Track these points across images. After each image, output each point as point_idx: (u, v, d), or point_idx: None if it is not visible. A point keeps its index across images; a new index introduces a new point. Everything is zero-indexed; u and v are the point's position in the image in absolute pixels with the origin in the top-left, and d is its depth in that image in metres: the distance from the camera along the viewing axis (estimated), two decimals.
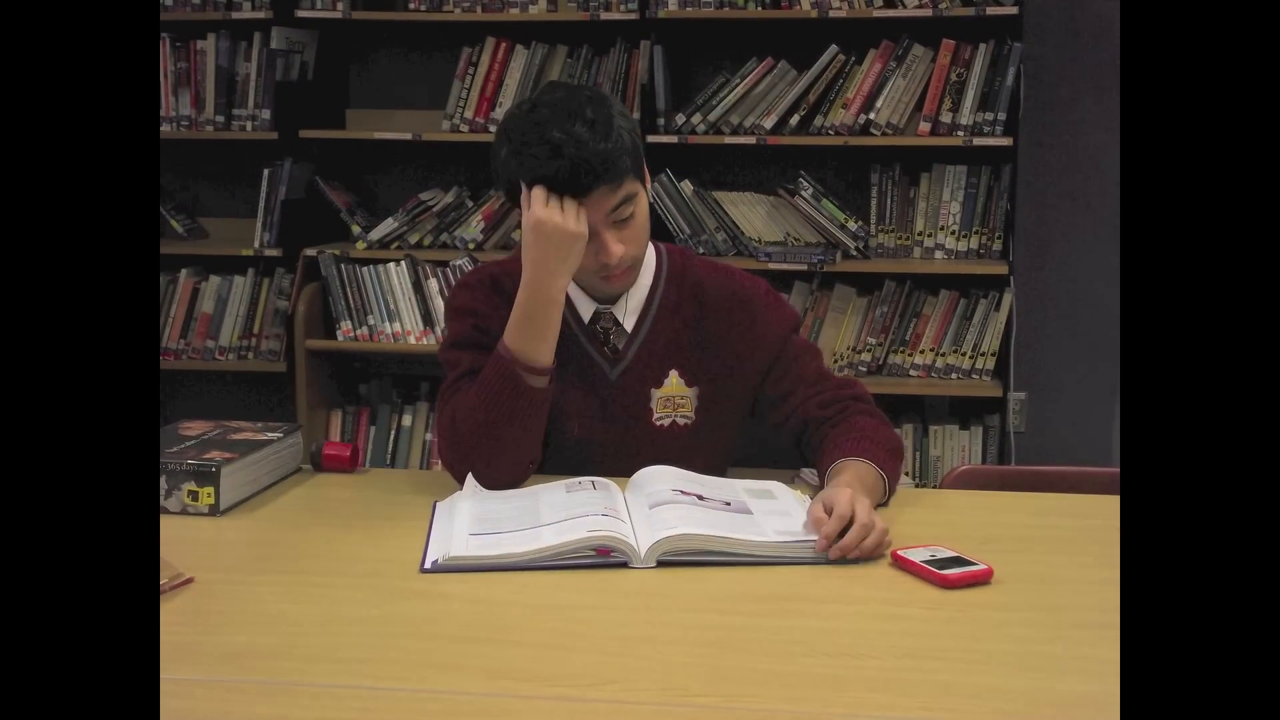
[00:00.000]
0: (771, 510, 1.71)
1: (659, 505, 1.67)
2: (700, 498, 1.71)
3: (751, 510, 1.70)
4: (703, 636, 1.38)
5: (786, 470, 2.24)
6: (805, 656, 1.33)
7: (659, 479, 1.78)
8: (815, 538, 1.60)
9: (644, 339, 1.97)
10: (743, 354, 1.97)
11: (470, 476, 1.83)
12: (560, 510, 1.68)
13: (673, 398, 1.97)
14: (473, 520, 1.68)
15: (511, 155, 1.84)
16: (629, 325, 1.97)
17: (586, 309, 1.98)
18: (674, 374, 1.97)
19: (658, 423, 1.97)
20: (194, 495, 1.77)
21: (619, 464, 1.92)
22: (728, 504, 1.71)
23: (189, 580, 1.51)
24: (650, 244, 1.98)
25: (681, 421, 1.98)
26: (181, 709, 1.17)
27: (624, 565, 1.57)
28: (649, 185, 1.94)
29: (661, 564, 1.56)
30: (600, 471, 1.90)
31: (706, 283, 1.99)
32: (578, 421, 1.97)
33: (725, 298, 1.98)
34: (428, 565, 1.56)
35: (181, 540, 1.62)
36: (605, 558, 1.57)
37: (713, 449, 1.99)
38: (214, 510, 1.77)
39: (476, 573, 1.55)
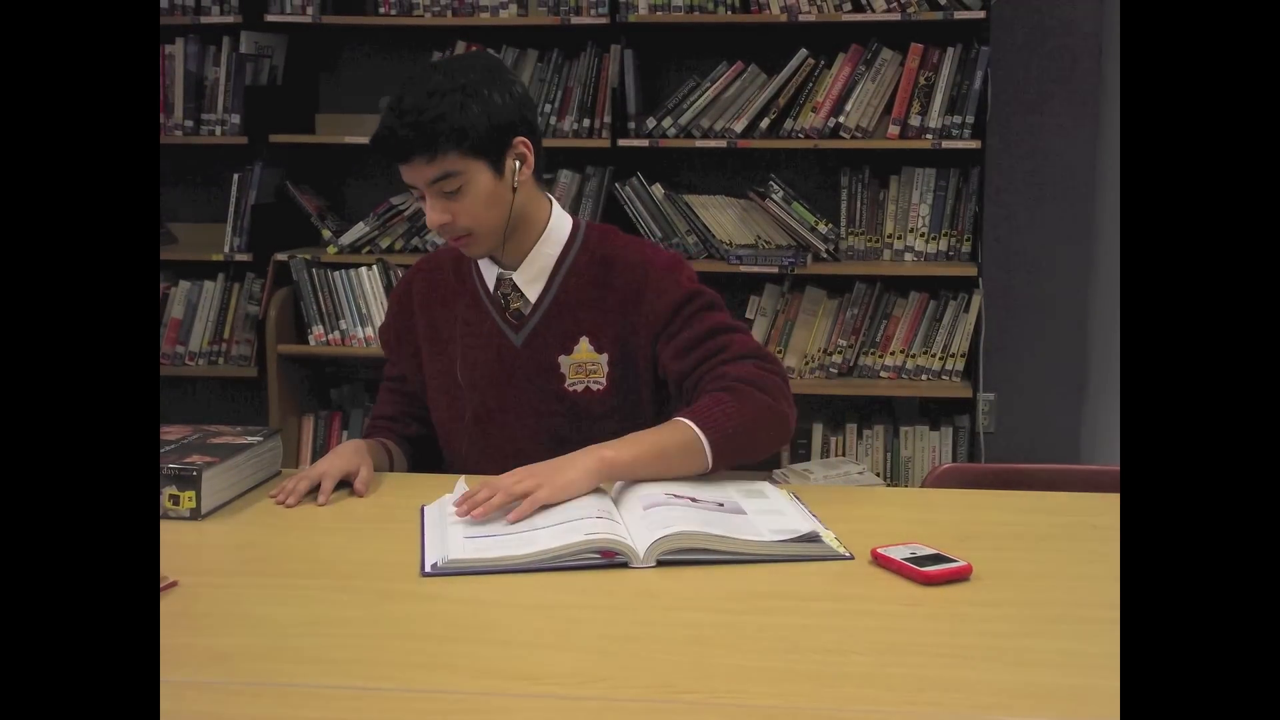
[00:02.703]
0: (764, 509, 1.72)
1: (653, 507, 1.69)
2: (693, 500, 1.72)
3: (745, 510, 1.71)
4: (689, 634, 1.39)
5: (760, 472, 2.25)
6: (790, 653, 1.34)
7: (650, 484, 1.79)
8: (813, 532, 1.63)
9: (548, 306, 2.03)
10: (637, 322, 2.01)
11: (460, 480, 1.86)
12: (553, 514, 1.69)
13: (584, 364, 2.02)
14: (466, 523, 1.69)
15: None
16: (532, 293, 2.03)
17: (490, 275, 2.06)
18: (584, 340, 2.02)
19: (570, 388, 2.02)
20: (175, 499, 1.77)
21: (534, 431, 2.00)
22: (720, 504, 1.72)
23: (173, 584, 1.51)
24: (571, 218, 2.08)
25: (595, 387, 2.02)
26: (172, 711, 1.17)
27: (624, 566, 1.57)
28: (517, 164, 1.96)
29: (660, 563, 1.58)
30: (516, 439, 2.00)
31: (615, 254, 2.04)
32: (488, 387, 2.04)
33: (630, 267, 2.02)
34: (428, 569, 1.57)
35: (164, 544, 1.61)
36: (609, 560, 1.58)
37: (626, 416, 2.01)
38: (195, 514, 1.77)
39: (475, 575, 1.55)
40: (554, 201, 2.09)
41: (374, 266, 3.98)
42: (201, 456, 1.83)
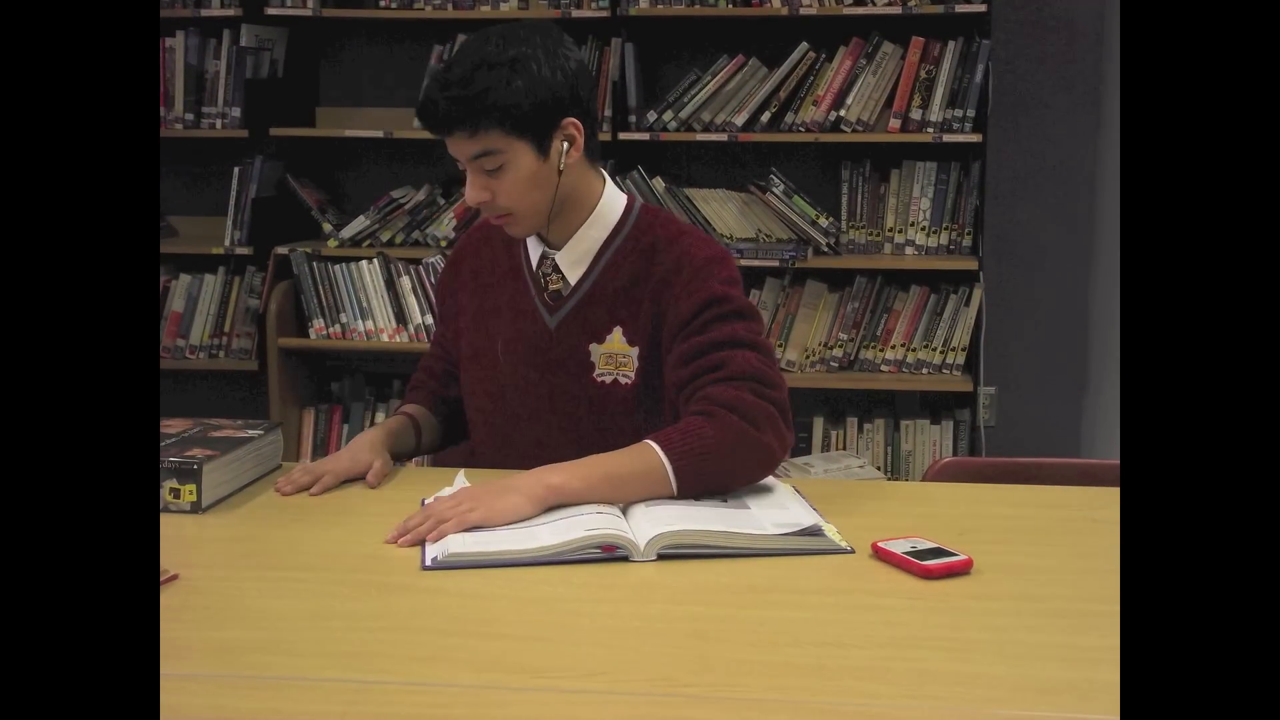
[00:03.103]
0: (769, 504, 1.72)
1: (655, 503, 1.69)
2: (695, 497, 1.72)
3: (749, 505, 1.71)
4: (689, 628, 1.39)
5: None
6: (790, 646, 1.34)
7: None
8: (814, 525, 1.62)
9: (587, 291, 1.96)
10: (664, 318, 1.92)
11: (460, 474, 1.85)
12: (554, 509, 1.69)
13: (615, 355, 1.94)
14: None
15: None
16: (573, 276, 1.97)
17: (535, 253, 2.01)
18: (618, 330, 1.94)
19: (599, 379, 1.95)
20: (175, 493, 1.77)
21: (559, 417, 1.94)
22: (724, 499, 1.72)
23: (174, 577, 1.51)
24: (626, 199, 1.99)
25: (624, 380, 1.94)
26: (173, 704, 1.17)
27: (624, 559, 1.57)
28: (565, 145, 1.88)
29: (660, 557, 1.58)
30: (539, 428, 1.93)
31: (659, 242, 1.95)
32: (520, 367, 1.99)
33: (669, 258, 1.93)
34: (428, 563, 1.57)
35: (164, 537, 1.61)
36: (610, 553, 1.57)
37: (651, 412, 1.95)
38: (196, 507, 1.77)
39: (475, 569, 1.55)
40: (608, 181, 2.00)
41: (374, 260, 3.98)
42: (202, 450, 1.83)
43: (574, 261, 1.97)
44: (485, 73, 1.81)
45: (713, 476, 1.75)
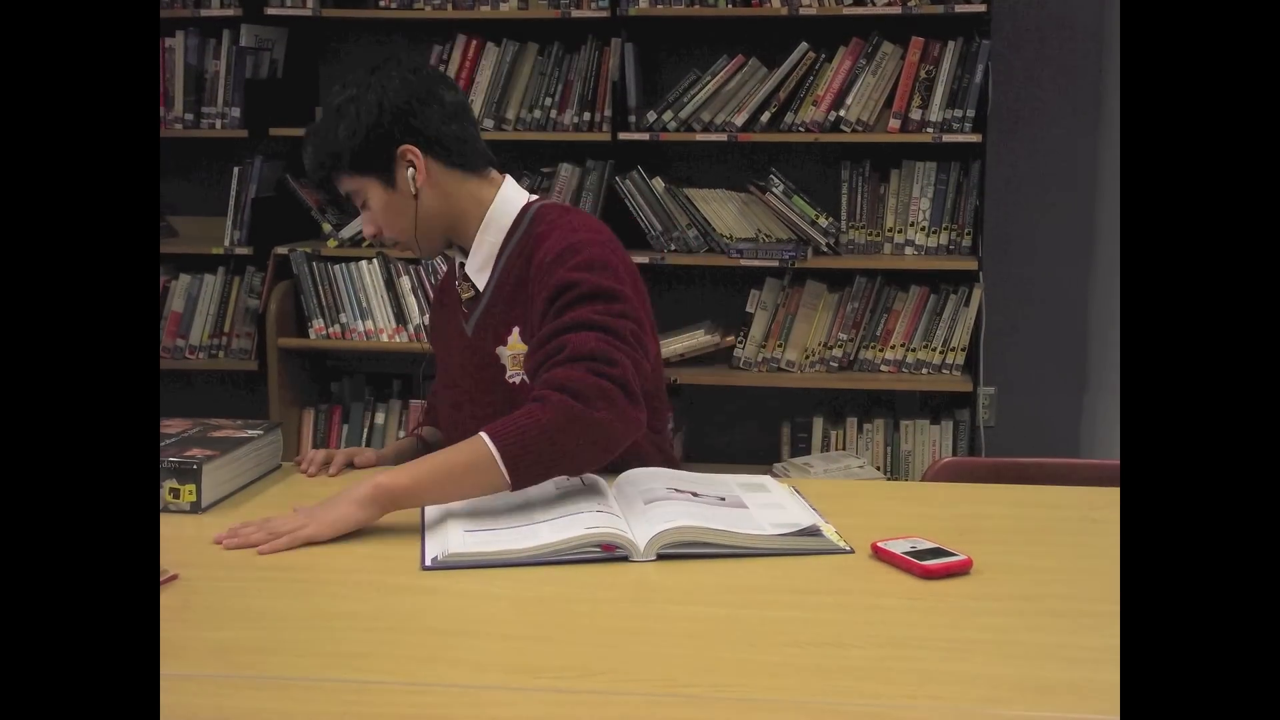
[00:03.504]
0: (766, 504, 1.73)
1: (654, 502, 1.69)
2: (694, 494, 1.72)
3: (746, 505, 1.72)
4: (689, 628, 1.39)
5: (760, 466, 2.26)
6: (790, 646, 1.34)
7: (651, 478, 1.79)
8: (813, 525, 1.62)
9: (490, 296, 2.01)
10: (531, 313, 1.93)
11: None
12: (553, 508, 1.69)
13: (518, 355, 1.98)
14: (465, 517, 1.69)
15: None
16: (480, 282, 2.02)
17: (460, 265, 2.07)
18: (515, 331, 1.98)
19: (510, 380, 1.98)
20: (175, 493, 1.77)
21: (488, 422, 1.89)
22: (722, 499, 1.73)
23: (174, 577, 1.51)
24: (524, 200, 2.02)
25: (528, 380, 1.91)
26: (173, 704, 1.17)
27: (624, 559, 1.58)
28: (409, 170, 1.95)
29: (660, 557, 1.58)
30: (471, 433, 1.88)
31: (535, 239, 1.96)
32: (455, 378, 2.06)
33: (539, 255, 1.93)
34: (428, 563, 1.57)
35: (164, 537, 1.61)
36: (610, 554, 1.58)
37: None
38: (195, 507, 1.77)
39: (475, 569, 1.55)
40: (505, 184, 2.03)
41: (374, 260, 3.98)
42: (202, 450, 1.83)
43: (478, 268, 2.02)
44: (318, 125, 1.98)
45: (548, 460, 1.72)
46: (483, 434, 1.71)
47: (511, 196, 2.02)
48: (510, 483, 1.70)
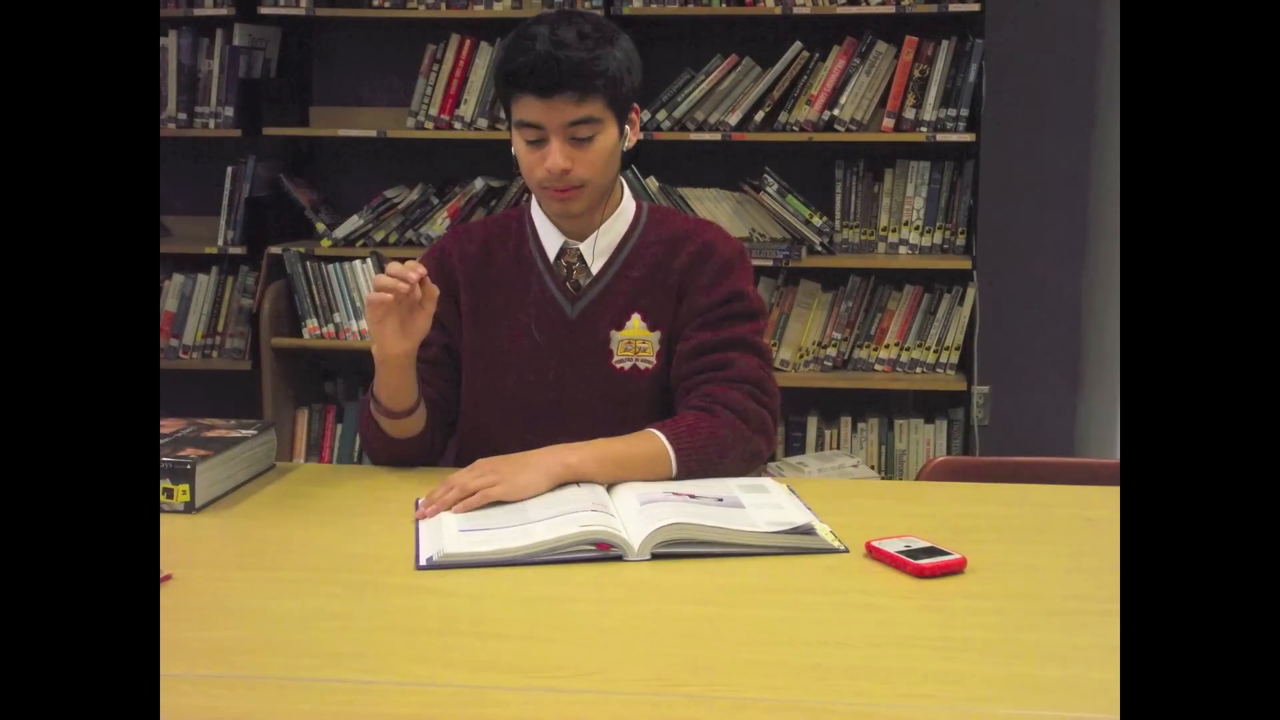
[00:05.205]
0: (764, 503, 1.72)
1: (650, 502, 1.69)
2: (692, 496, 1.72)
3: (744, 504, 1.72)
4: (684, 627, 1.39)
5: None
6: (784, 645, 1.34)
7: (650, 481, 1.80)
8: (807, 524, 1.63)
9: (610, 280, 2.00)
10: (686, 306, 1.98)
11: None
12: (548, 506, 1.69)
13: (634, 340, 1.98)
14: (460, 516, 1.69)
15: (500, 48, 1.88)
16: (595, 266, 2.00)
17: (553, 245, 2.02)
18: (636, 317, 1.99)
19: (617, 365, 1.98)
20: (169, 493, 1.77)
21: (576, 406, 1.96)
22: (720, 499, 1.73)
23: (168, 577, 1.51)
24: (635, 201, 2.05)
25: (643, 366, 1.98)
26: (168, 704, 1.16)
27: (619, 559, 1.57)
28: (628, 129, 1.96)
29: (655, 556, 1.58)
30: (555, 416, 1.95)
31: (680, 234, 2.02)
32: (533, 359, 2.00)
33: (694, 248, 1.99)
34: (423, 563, 1.57)
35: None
36: (604, 553, 1.58)
37: (664, 402, 1.99)
38: (189, 507, 1.77)
39: (470, 568, 1.55)
40: (624, 183, 2.08)
41: (368, 259, 3.97)
42: (195, 450, 1.83)
43: (599, 251, 2.01)
44: (594, 44, 1.85)
45: (707, 465, 1.84)
46: (657, 433, 1.83)
47: (629, 193, 2.08)
48: (674, 476, 1.82)
